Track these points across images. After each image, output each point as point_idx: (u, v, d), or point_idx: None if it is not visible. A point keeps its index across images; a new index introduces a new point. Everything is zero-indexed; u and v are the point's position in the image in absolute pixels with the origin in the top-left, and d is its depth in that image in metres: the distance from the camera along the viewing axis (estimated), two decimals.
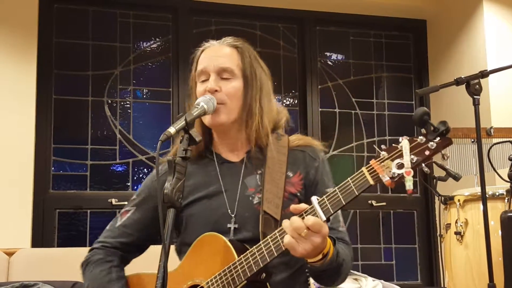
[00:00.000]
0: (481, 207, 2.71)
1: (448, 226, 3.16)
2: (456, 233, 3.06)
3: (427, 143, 1.38)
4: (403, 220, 4.67)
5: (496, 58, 4.14)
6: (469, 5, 4.39)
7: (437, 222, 3.49)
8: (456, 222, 3.08)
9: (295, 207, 1.49)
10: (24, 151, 3.85)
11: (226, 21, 4.55)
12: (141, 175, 4.26)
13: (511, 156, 2.88)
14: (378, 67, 4.85)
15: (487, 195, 2.64)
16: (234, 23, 4.56)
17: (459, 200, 3.10)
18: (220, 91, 1.71)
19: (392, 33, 4.89)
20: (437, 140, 1.38)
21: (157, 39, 4.46)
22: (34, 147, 3.90)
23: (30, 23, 3.98)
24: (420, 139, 1.39)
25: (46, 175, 4.00)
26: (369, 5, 4.64)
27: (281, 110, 1.85)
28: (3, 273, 3.19)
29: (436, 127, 1.38)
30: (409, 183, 1.37)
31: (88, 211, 4.07)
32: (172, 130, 1.47)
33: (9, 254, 3.29)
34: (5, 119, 3.82)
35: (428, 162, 1.39)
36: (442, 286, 3.76)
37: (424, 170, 1.39)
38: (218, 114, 1.70)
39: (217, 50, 1.77)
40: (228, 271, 1.55)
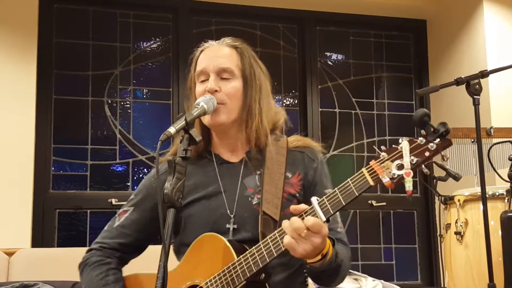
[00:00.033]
0: (481, 207, 2.71)
1: (448, 226, 3.16)
2: (456, 233, 3.07)
3: (427, 144, 1.38)
4: (403, 220, 4.67)
5: (496, 58, 4.14)
6: (469, 5, 4.38)
7: (437, 222, 3.49)
8: (456, 222, 3.08)
9: (295, 207, 1.49)
10: (24, 151, 3.85)
11: (226, 21, 4.55)
12: (141, 175, 4.25)
13: (511, 156, 2.88)
14: (378, 67, 4.84)
15: (487, 195, 2.64)
16: (234, 23, 4.55)
17: (459, 200, 3.10)
18: (220, 91, 1.71)
19: (392, 33, 4.89)
20: (437, 141, 1.38)
21: (157, 39, 4.46)
22: (34, 147, 3.90)
23: (30, 23, 3.98)
24: (420, 140, 1.39)
25: (46, 175, 4.00)
26: (369, 5, 4.64)
27: (279, 110, 1.85)
28: (3, 273, 3.19)
29: (436, 128, 1.39)
30: (409, 184, 1.37)
31: (88, 211, 4.07)
32: (172, 130, 1.47)
33: (9, 254, 3.28)
34: (5, 119, 3.82)
35: (428, 163, 1.39)
36: (442, 286, 3.76)
37: (424, 171, 1.39)
38: (218, 114, 1.70)
39: (217, 50, 1.77)
40: (228, 272, 1.55)
